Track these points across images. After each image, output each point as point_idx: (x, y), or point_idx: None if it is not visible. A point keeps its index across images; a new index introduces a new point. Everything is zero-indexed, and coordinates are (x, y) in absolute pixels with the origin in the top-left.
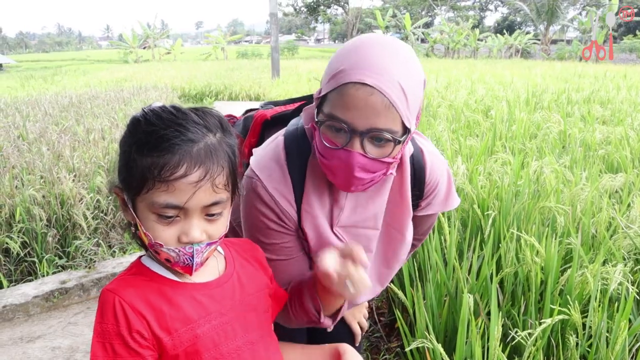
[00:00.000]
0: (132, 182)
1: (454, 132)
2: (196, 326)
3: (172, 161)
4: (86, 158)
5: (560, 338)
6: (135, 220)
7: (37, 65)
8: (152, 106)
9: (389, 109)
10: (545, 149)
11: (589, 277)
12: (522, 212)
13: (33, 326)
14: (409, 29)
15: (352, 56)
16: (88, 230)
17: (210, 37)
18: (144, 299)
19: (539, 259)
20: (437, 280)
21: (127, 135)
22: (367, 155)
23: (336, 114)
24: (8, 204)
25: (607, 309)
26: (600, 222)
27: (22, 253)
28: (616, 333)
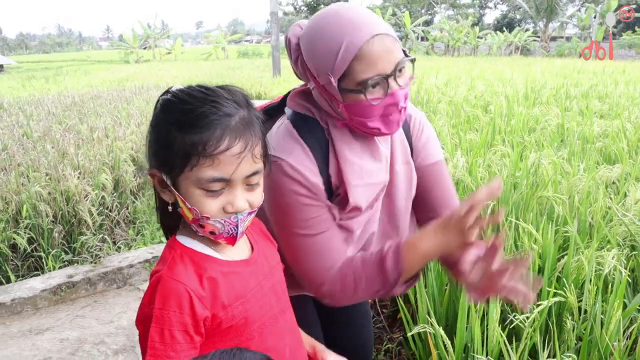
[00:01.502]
0: (175, 161)
1: (454, 127)
2: (245, 300)
3: (214, 136)
4: (90, 156)
5: (557, 321)
6: (175, 199)
7: (38, 66)
8: (176, 87)
9: (395, 42)
10: (543, 142)
11: (584, 262)
12: (521, 201)
13: (41, 319)
14: (409, 27)
15: (343, 26)
16: (93, 227)
17: (211, 37)
18: (202, 282)
19: (537, 245)
20: (437, 268)
21: (160, 117)
22: (401, 86)
23: (367, 76)
24: (15, 201)
25: (602, 292)
26: (596, 211)
27: (29, 248)
28: (610, 314)
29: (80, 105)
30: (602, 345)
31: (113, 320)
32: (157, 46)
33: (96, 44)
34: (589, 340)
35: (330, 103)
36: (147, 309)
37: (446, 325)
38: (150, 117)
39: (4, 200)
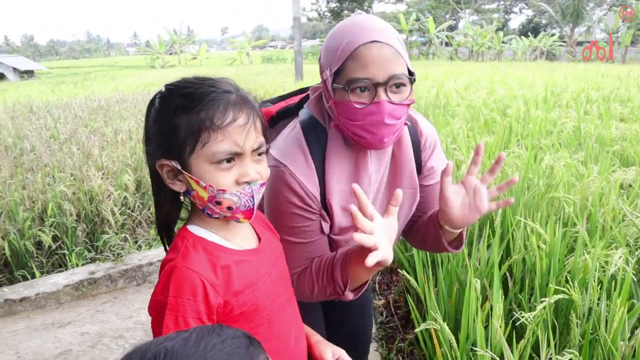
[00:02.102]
0: (186, 142)
1: (471, 130)
2: (255, 288)
3: (220, 110)
4: (114, 157)
5: (565, 320)
6: (186, 186)
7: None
8: (166, 84)
9: (397, 56)
10: (559, 145)
11: (588, 259)
12: (532, 202)
13: (63, 313)
14: (432, 32)
15: (351, 29)
16: (115, 226)
17: (236, 43)
18: (215, 271)
19: (545, 245)
20: (447, 267)
21: (161, 108)
22: (392, 101)
23: (357, 76)
24: (41, 200)
25: (607, 290)
26: (608, 212)
27: (53, 246)
28: (613, 311)
29: (106, 108)
30: (605, 344)
31: (132, 316)
32: (182, 52)
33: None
34: (592, 338)
35: (327, 99)
36: (161, 297)
37: (455, 324)
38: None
39: (31, 199)
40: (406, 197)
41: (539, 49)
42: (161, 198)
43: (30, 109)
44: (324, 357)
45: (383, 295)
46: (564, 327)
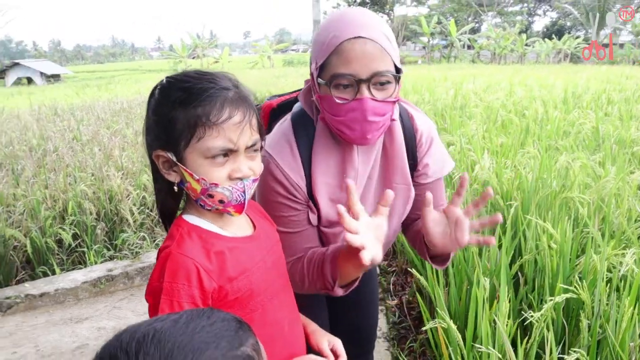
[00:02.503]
0: (182, 135)
1: (487, 131)
2: (250, 274)
3: (216, 107)
4: (134, 158)
5: (575, 320)
6: (180, 177)
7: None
8: (166, 76)
9: (382, 53)
10: (577, 146)
11: (595, 259)
12: (544, 202)
13: (82, 309)
14: (454, 35)
15: (338, 23)
16: (134, 225)
17: (258, 46)
18: (209, 257)
19: (555, 244)
20: (457, 267)
21: (160, 100)
22: (375, 98)
23: (340, 71)
24: (62, 199)
25: (618, 291)
26: (623, 213)
27: (73, 244)
28: (622, 311)
29: (128, 110)
30: (612, 344)
31: (147, 313)
32: (205, 55)
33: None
34: (601, 338)
35: (314, 93)
36: (157, 283)
37: (465, 323)
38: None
39: (52, 198)
40: (399, 193)
41: (562, 52)
42: (157, 186)
43: (55, 112)
44: (320, 346)
45: (397, 296)
46: (574, 328)
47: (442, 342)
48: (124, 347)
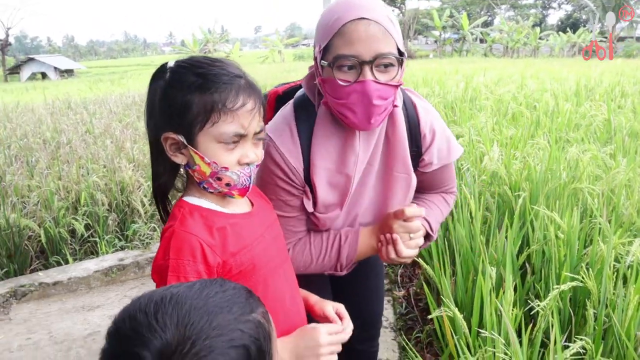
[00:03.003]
0: (196, 119)
1: (497, 123)
2: (251, 248)
3: (232, 94)
4: (145, 150)
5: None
6: (187, 160)
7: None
8: (176, 61)
9: (385, 35)
10: (588, 138)
11: (603, 249)
12: (553, 193)
13: (93, 297)
14: (466, 28)
15: (341, 6)
16: (145, 216)
17: (268, 41)
18: (212, 233)
19: (563, 234)
20: (464, 257)
21: (172, 84)
22: (378, 80)
23: (343, 52)
24: (75, 190)
25: (625, 280)
26: (633, 204)
27: (86, 234)
28: (628, 299)
29: (140, 104)
30: (618, 332)
31: None
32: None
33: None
34: (606, 327)
35: (317, 76)
36: (163, 261)
37: (471, 312)
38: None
39: (66, 189)
40: (399, 182)
41: (577, 45)
42: (160, 169)
43: (69, 105)
44: (325, 312)
45: (404, 287)
46: (581, 318)
47: (448, 330)
48: (142, 308)
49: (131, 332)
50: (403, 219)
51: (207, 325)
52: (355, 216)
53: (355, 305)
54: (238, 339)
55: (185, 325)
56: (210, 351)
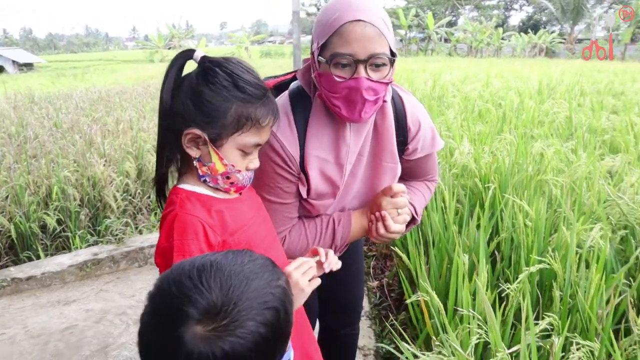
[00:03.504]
0: (229, 126)
1: (465, 119)
2: (247, 228)
3: (264, 112)
4: (116, 145)
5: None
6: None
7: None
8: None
9: (380, 37)
10: (551, 134)
11: (567, 235)
12: (520, 185)
13: (68, 292)
14: (431, 28)
15: (340, 6)
16: (117, 211)
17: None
18: (210, 214)
19: (531, 222)
20: (438, 246)
21: (208, 86)
22: (371, 78)
23: (340, 51)
24: (45, 184)
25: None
26: (594, 194)
27: (58, 228)
28: (590, 279)
29: (107, 99)
30: (582, 309)
31: (134, 295)
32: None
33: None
34: (571, 307)
35: (313, 70)
36: (167, 243)
37: (446, 298)
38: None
39: (35, 184)
40: (387, 171)
41: (538, 46)
42: (170, 156)
43: (32, 100)
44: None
45: (377, 279)
46: (547, 300)
47: (426, 312)
48: (186, 273)
49: (178, 293)
50: (390, 195)
51: (246, 289)
52: (345, 203)
53: (338, 291)
54: (271, 301)
55: (228, 288)
56: (249, 311)
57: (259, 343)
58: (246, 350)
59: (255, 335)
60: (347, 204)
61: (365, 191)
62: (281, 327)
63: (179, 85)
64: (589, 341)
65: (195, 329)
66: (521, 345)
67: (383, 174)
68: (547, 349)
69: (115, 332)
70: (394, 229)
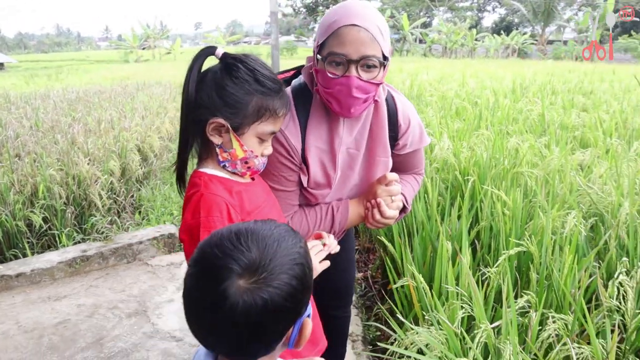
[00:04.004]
0: (250, 116)
1: (443, 117)
2: (261, 209)
3: (281, 104)
4: (99, 144)
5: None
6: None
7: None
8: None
9: (372, 41)
10: (525, 130)
11: (543, 220)
12: (498, 177)
13: (58, 288)
14: (406, 29)
15: (340, 10)
16: (103, 209)
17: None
18: (232, 195)
19: (508, 211)
20: (422, 234)
21: (233, 80)
22: (361, 78)
23: (335, 50)
24: (30, 183)
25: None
26: (566, 185)
27: (44, 226)
28: (563, 260)
29: (85, 99)
30: (557, 287)
31: (125, 290)
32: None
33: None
34: (547, 286)
35: (313, 66)
36: (193, 221)
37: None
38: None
39: (20, 182)
40: (380, 165)
41: (511, 47)
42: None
43: (8, 99)
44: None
45: (361, 271)
46: (525, 282)
47: (414, 293)
48: (225, 238)
49: (220, 253)
50: (385, 183)
51: (278, 248)
52: (343, 194)
53: (332, 275)
54: (298, 258)
55: (264, 247)
56: (282, 266)
57: (291, 293)
58: (282, 300)
59: (289, 286)
60: (344, 195)
61: (361, 183)
62: (307, 280)
63: (201, 79)
64: (563, 314)
65: (238, 283)
66: (502, 320)
67: (377, 167)
68: (525, 324)
69: (108, 325)
70: (388, 214)
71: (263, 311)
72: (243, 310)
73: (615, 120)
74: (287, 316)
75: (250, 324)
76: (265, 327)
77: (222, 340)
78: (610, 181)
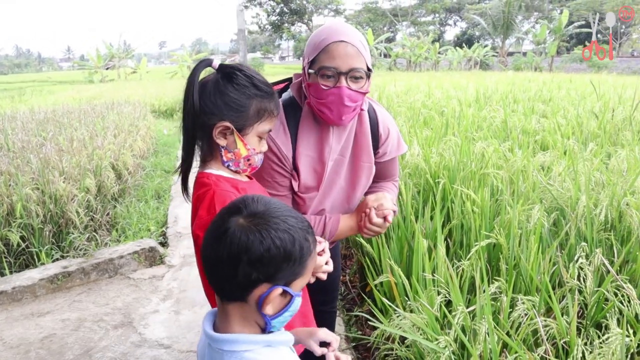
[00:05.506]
0: (252, 118)
1: (412, 126)
2: None
3: (276, 105)
4: (74, 163)
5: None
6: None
7: None
8: (222, 64)
9: (358, 55)
10: (490, 136)
11: (510, 214)
12: (466, 178)
13: (41, 304)
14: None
15: (327, 30)
16: (81, 227)
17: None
18: (239, 191)
19: (478, 208)
20: (398, 234)
21: (232, 85)
22: (351, 88)
23: (326, 64)
24: (6, 203)
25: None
26: (529, 184)
27: (22, 245)
28: (529, 250)
29: (54, 120)
30: (525, 273)
31: (109, 303)
32: (120, 66)
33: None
34: (515, 274)
35: (304, 82)
36: (208, 216)
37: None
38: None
39: None
40: (364, 170)
41: (473, 59)
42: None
43: None
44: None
45: None
46: (495, 273)
47: (394, 286)
48: (239, 201)
49: (230, 206)
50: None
51: (282, 216)
52: (331, 196)
53: None
54: (294, 233)
55: (271, 207)
56: (277, 226)
57: (269, 250)
58: (261, 249)
59: (270, 241)
60: (332, 197)
61: (347, 186)
62: (291, 254)
63: (202, 88)
64: (530, 296)
65: (240, 220)
66: (477, 304)
67: (361, 171)
68: (497, 307)
69: (95, 337)
70: (375, 221)
71: (243, 249)
72: (230, 239)
73: (572, 124)
74: (257, 267)
75: (232, 256)
76: (241, 266)
77: (222, 275)
78: (568, 179)
